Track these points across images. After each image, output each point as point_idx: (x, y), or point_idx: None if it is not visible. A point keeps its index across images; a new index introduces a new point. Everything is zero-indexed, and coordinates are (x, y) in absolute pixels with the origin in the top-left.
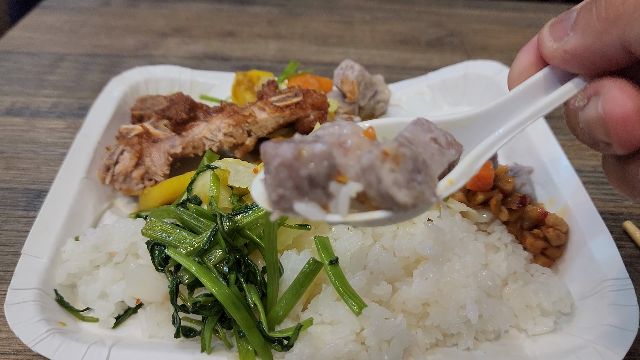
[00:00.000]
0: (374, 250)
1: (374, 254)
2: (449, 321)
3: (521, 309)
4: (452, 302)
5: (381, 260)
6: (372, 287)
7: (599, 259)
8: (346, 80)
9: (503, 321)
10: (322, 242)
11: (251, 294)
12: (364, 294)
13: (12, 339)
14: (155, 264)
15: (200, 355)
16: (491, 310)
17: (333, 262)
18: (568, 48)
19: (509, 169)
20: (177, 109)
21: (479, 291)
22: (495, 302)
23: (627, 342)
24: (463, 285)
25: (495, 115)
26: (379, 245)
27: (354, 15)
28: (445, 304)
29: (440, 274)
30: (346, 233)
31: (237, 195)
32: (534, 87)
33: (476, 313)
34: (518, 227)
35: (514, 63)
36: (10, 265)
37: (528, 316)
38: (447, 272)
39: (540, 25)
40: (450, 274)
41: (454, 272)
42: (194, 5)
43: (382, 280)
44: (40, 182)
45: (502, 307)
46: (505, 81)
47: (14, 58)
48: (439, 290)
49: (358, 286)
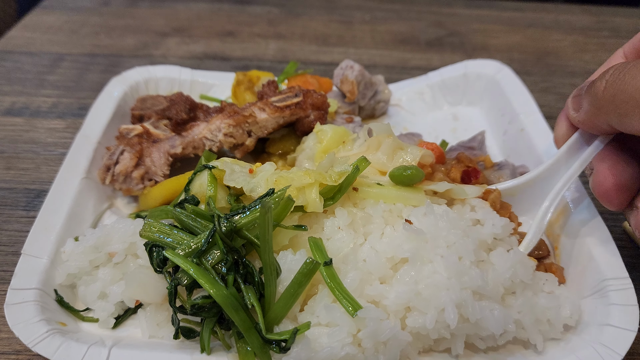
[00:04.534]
0: (363, 250)
1: (363, 254)
2: (426, 326)
3: (531, 323)
4: (431, 305)
5: (369, 261)
6: (366, 288)
7: (599, 259)
8: (346, 80)
9: (496, 325)
10: (316, 243)
11: (249, 295)
12: (358, 294)
13: (12, 339)
14: (154, 265)
15: (200, 355)
16: (478, 313)
17: (327, 264)
18: (580, 119)
19: (496, 164)
20: (177, 109)
21: (463, 293)
22: (484, 305)
23: (627, 342)
24: (445, 288)
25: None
26: (368, 245)
27: (354, 15)
28: (424, 308)
29: (419, 276)
30: (338, 233)
31: (234, 195)
32: (573, 145)
33: (456, 317)
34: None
35: (556, 127)
36: (10, 265)
37: (536, 328)
38: (428, 274)
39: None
40: (432, 275)
41: (435, 274)
42: (194, 5)
43: (375, 280)
44: (40, 182)
45: (494, 309)
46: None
47: (14, 58)
48: (416, 294)
49: (352, 286)
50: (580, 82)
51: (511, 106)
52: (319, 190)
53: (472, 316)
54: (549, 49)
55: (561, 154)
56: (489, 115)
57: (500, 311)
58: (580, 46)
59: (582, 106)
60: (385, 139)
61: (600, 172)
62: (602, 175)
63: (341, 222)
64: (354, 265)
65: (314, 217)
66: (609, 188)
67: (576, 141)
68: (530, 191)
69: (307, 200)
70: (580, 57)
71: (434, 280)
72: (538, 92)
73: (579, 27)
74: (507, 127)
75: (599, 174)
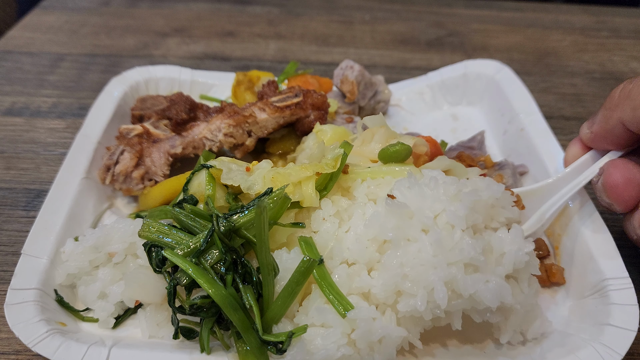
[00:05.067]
0: (348, 237)
1: (347, 242)
2: (418, 309)
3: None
4: (420, 287)
5: (352, 248)
6: (354, 280)
7: (599, 259)
8: (346, 80)
9: (491, 298)
10: (307, 242)
11: (247, 295)
12: (347, 288)
13: (12, 339)
14: (153, 265)
15: (200, 355)
16: (471, 287)
17: (319, 263)
18: (593, 131)
19: (496, 164)
20: (177, 109)
21: (452, 269)
22: (477, 277)
23: (627, 342)
24: (433, 266)
25: (559, 184)
26: (352, 231)
27: (354, 15)
28: (413, 291)
29: (405, 258)
30: (323, 224)
31: (232, 194)
32: (583, 163)
33: (445, 297)
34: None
35: (567, 150)
36: (10, 265)
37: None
38: (414, 254)
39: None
40: (417, 255)
41: (420, 252)
42: (194, 5)
43: (362, 270)
44: (40, 182)
45: (490, 281)
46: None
47: (14, 58)
48: (402, 277)
49: (340, 281)
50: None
51: (511, 106)
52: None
53: (464, 291)
54: (549, 49)
55: (571, 170)
56: (489, 115)
57: (496, 282)
58: (580, 46)
59: (594, 121)
60: (378, 129)
61: (611, 170)
62: (612, 172)
63: (326, 213)
64: (340, 257)
65: (311, 211)
66: (619, 182)
67: (587, 159)
68: (534, 200)
69: (304, 196)
70: (580, 57)
71: (420, 259)
72: (538, 92)
73: (579, 27)
74: (507, 127)
75: (609, 171)
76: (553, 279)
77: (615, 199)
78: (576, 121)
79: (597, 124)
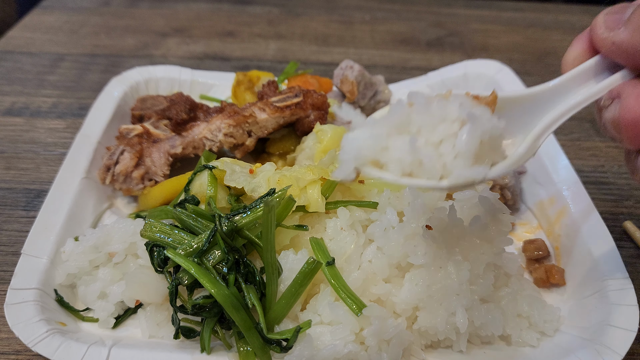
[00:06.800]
0: (369, 251)
1: (368, 255)
2: (437, 328)
3: (512, 315)
4: (442, 308)
5: (374, 262)
6: (370, 287)
7: (599, 259)
8: (346, 80)
9: (496, 327)
10: (318, 243)
11: (250, 294)
12: (361, 293)
13: (12, 339)
14: (155, 265)
15: (200, 355)
16: (483, 317)
17: (330, 264)
18: (616, 40)
19: None
20: (177, 109)
21: (472, 298)
22: (488, 309)
23: (627, 342)
24: (456, 293)
25: (550, 96)
26: (374, 246)
27: (354, 15)
28: (434, 311)
29: (431, 280)
30: (340, 233)
31: (234, 195)
32: (585, 73)
33: (466, 322)
34: None
35: (568, 49)
36: (10, 265)
37: (516, 324)
38: (440, 279)
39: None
40: (444, 280)
41: (447, 279)
42: (194, 5)
43: (379, 280)
44: (40, 182)
45: (496, 313)
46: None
47: (14, 58)
48: (428, 296)
49: (354, 285)
50: None
51: None
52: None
53: (476, 320)
54: (549, 49)
55: (570, 76)
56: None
57: (502, 314)
58: None
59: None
60: None
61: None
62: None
63: (343, 223)
64: (358, 266)
65: (316, 217)
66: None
67: (594, 65)
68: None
69: (309, 200)
70: None
71: (446, 284)
72: None
73: (579, 27)
74: None
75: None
76: (553, 281)
77: (630, 136)
78: (576, 121)
79: (627, 32)
